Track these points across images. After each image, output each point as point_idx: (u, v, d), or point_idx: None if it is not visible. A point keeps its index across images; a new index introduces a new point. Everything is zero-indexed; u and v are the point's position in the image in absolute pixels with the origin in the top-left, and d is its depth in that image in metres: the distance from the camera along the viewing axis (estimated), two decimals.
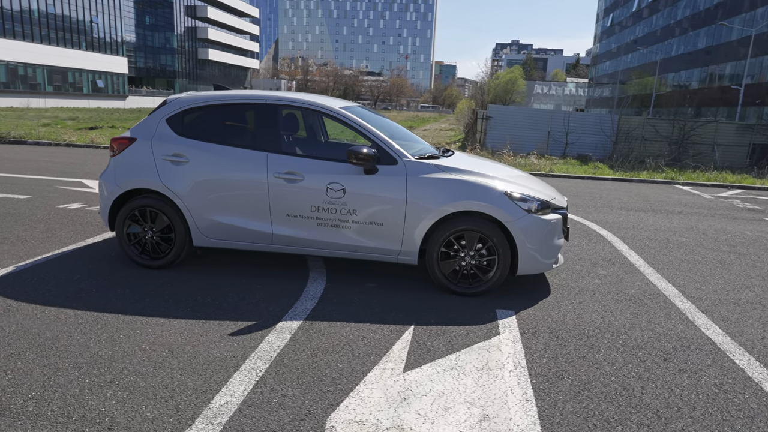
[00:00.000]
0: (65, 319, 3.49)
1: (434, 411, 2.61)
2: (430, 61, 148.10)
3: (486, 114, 22.30)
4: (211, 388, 2.75)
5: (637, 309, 4.07)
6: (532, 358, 3.21)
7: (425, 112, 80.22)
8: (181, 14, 72.90)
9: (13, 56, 47.38)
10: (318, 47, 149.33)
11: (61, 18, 52.23)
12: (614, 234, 6.51)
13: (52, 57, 51.58)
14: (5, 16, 46.33)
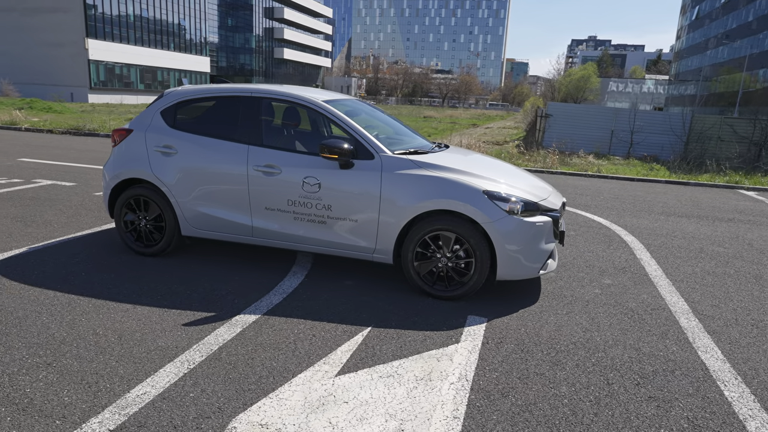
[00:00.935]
0: (42, 300, 3.66)
1: (347, 421, 2.46)
2: (501, 58, 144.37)
3: (545, 112, 21.42)
4: (138, 378, 2.75)
5: (630, 324, 3.67)
6: (483, 372, 2.96)
7: (493, 110, 78.38)
8: (260, 15, 75.81)
9: (111, 57, 51.33)
10: (389, 45, 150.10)
11: (153, 21, 55.98)
12: (640, 240, 5.96)
13: (145, 57, 55.39)
14: (105, 21, 50.31)
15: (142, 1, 54.52)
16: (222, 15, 72.93)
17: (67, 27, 48.57)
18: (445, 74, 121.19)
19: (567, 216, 7.07)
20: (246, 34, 75.13)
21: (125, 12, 52.62)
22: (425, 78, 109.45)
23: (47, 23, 48.98)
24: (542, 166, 12.05)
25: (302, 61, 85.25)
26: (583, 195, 8.84)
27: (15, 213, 5.95)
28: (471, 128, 34.21)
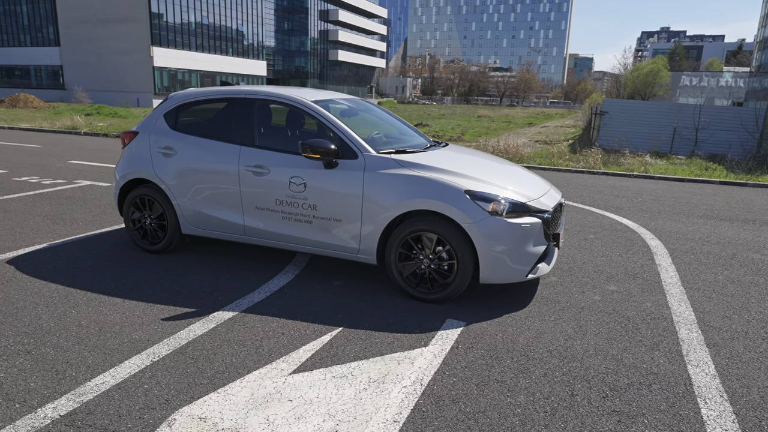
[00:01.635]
0: (44, 292, 3.89)
1: (285, 419, 2.46)
2: (563, 54, 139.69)
3: (600, 109, 20.53)
4: (102, 368, 2.87)
5: (621, 334, 3.45)
6: (441, 377, 2.87)
7: (553, 108, 75.99)
8: (315, 19, 77.36)
9: (174, 63, 54.02)
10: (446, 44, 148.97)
11: (213, 28, 58.44)
12: (665, 245, 5.59)
13: (204, 63, 57.91)
14: (169, 29, 53.03)
15: (204, 9, 56.96)
16: (279, 19, 74.93)
17: (134, 36, 51.53)
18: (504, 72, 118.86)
19: (591, 218, 6.75)
20: (301, 37, 76.85)
21: (187, 20, 55.17)
22: (482, 76, 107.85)
23: (117, 33, 52.14)
24: (584, 166, 11.56)
25: (356, 62, 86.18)
26: (619, 197, 8.41)
27: (48, 211, 6.37)
28: (526, 127, 33.32)
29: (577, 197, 8.13)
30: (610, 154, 14.59)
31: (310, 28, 76.82)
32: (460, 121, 36.58)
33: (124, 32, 51.78)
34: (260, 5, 65.44)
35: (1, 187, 7.69)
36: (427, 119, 36.80)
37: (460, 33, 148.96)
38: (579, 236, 5.83)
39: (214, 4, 58.23)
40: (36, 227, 5.63)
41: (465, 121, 36.75)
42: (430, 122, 33.55)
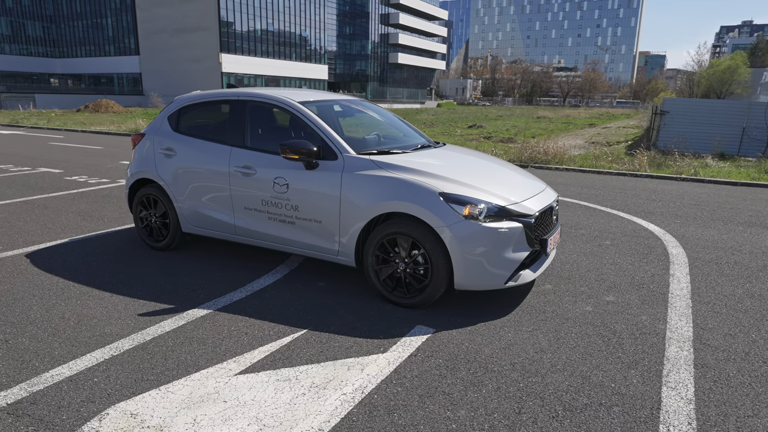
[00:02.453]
0: (45, 284, 4.13)
1: (211, 420, 2.46)
2: (632, 52, 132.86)
3: (660, 108, 19.35)
4: (64, 359, 3.00)
5: (600, 349, 3.20)
6: (387, 386, 2.78)
7: (619, 109, 72.37)
8: (376, 22, 78.11)
9: (240, 69, 56.32)
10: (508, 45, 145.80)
11: (277, 34, 60.42)
12: (688, 253, 5.14)
13: (269, 68, 59.98)
14: (236, 36, 55.35)
15: (269, 16, 58.95)
16: (341, 24, 76.21)
17: (205, 44, 54.15)
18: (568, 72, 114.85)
19: (615, 224, 6.34)
20: (362, 41, 77.78)
21: (254, 27, 57.31)
22: (545, 76, 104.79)
23: (189, 41, 55.00)
24: (629, 168, 10.91)
25: (416, 64, 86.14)
26: (656, 201, 7.86)
27: (82, 208, 6.78)
28: (586, 128, 31.98)
29: (608, 201, 7.68)
30: (667, 156, 13.69)
31: (371, 32, 77.63)
32: (517, 122, 35.64)
33: (196, 41, 54.55)
34: (323, 11, 66.97)
35: (52, 186, 8.28)
36: (483, 120, 36.17)
37: (523, 33, 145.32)
38: (593, 242, 5.49)
39: (279, 11, 60.15)
40: (65, 223, 6.01)
41: (522, 122, 35.77)
42: (484, 123, 32.95)
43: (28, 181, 8.76)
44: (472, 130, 26.36)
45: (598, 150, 13.54)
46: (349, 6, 75.97)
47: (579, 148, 16.20)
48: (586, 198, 7.93)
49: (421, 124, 31.13)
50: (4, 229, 5.72)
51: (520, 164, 11.28)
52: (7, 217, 6.24)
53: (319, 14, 66.56)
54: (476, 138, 20.83)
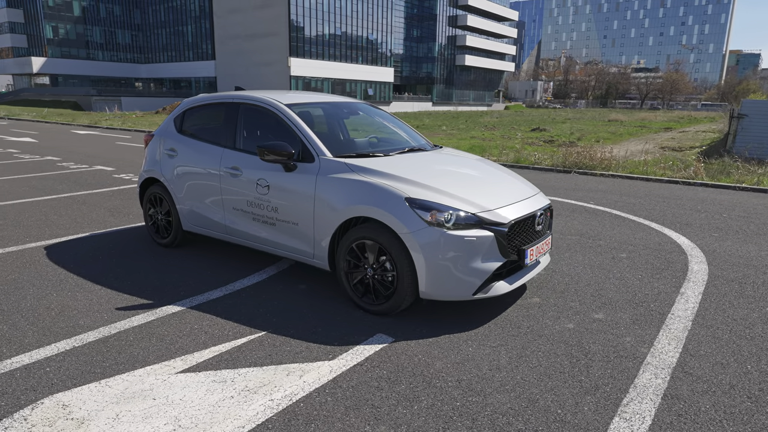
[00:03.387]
0: (48, 276, 4.40)
1: (132, 416, 2.50)
2: (722, 50, 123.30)
3: (738, 111, 17.84)
4: (30, 347, 3.17)
5: (562, 371, 2.95)
6: (318, 394, 2.71)
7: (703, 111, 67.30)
8: (444, 24, 77.69)
9: (308, 72, 57.94)
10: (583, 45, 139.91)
11: (344, 38, 61.61)
12: (711, 270, 4.66)
13: (336, 71, 61.27)
14: (305, 41, 57.01)
15: (338, 21, 60.18)
16: (408, 27, 76.43)
17: (275, 48, 56.15)
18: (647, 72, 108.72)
19: (641, 235, 5.87)
20: (429, 44, 77.58)
21: (322, 32, 58.73)
22: (622, 78, 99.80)
23: (261, 46, 57.24)
24: (684, 176, 10.10)
25: (484, 66, 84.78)
26: (700, 211, 7.21)
27: (114, 205, 7.19)
28: (661, 132, 30.09)
29: (643, 211, 7.14)
30: (739, 163, 12.56)
31: (438, 34, 77.27)
32: (585, 125, 34.15)
33: (267, 45, 56.69)
34: (390, 15, 67.52)
35: (98, 183, 8.86)
36: (548, 123, 34.96)
37: (599, 33, 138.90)
38: (607, 254, 5.11)
39: (347, 15, 61.29)
40: (94, 218, 6.39)
41: (590, 125, 34.23)
42: (549, 126, 31.82)
43: (81, 177, 9.43)
44: (533, 134, 25.52)
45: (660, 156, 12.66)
46: (417, 9, 76.02)
47: (644, 153, 15.25)
48: (621, 207, 7.42)
49: (483, 126, 30.57)
50: (39, 222, 6.16)
51: (563, 170, 10.77)
52: (47, 211, 6.73)
53: (386, 18, 67.14)
54: (535, 141, 20.15)
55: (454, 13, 78.54)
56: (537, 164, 11.35)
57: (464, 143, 17.35)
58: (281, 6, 55.31)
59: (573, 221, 6.48)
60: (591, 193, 8.52)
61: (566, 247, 5.37)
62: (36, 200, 7.41)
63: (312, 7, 57.50)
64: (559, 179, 9.92)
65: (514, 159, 11.84)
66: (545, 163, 11.47)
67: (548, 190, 8.63)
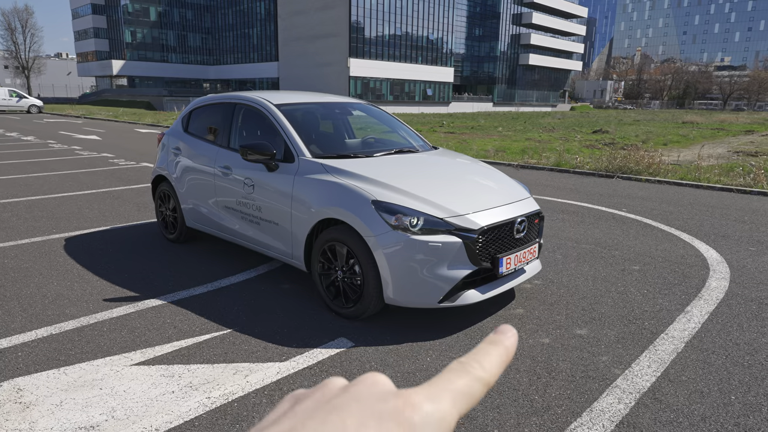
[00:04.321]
0: (58, 265, 4.67)
1: (74, 404, 2.59)
2: None
3: None
4: (12, 333, 3.36)
5: (514, 387, 2.78)
6: (255, 396, 2.70)
7: None
8: (507, 23, 76.02)
9: (367, 72, 58.50)
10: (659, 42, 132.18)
11: (404, 38, 61.65)
12: (731, 288, 4.23)
13: (394, 71, 61.44)
14: (364, 42, 57.60)
15: (398, 21, 60.31)
16: (470, 26, 75.38)
17: (335, 49, 57.07)
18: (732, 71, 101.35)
19: (665, 247, 5.45)
20: (491, 43, 76.15)
21: (382, 32, 59.04)
22: (702, 76, 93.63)
23: (322, 47, 58.37)
24: (739, 184, 9.29)
25: (549, 66, 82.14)
26: (745, 223, 6.60)
27: (142, 200, 7.54)
28: (740, 136, 27.86)
29: (678, 220, 6.63)
30: None
31: (501, 33, 75.67)
32: (655, 127, 32.27)
33: (328, 46, 57.73)
34: (451, 14, 66.84)
35: (138, 179, 9.33)
36: (613, 125, 33.32)
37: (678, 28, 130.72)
38: (618, 266, 4.78)
39: (407, 15, 61.29)
40: (121, 212, 6.73)
41: (661, 127, 32.29)
42: (613, 128, 30.29)
43: (125, 174, 9.97)
44: (594, 136, 24.37)
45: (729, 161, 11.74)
46: (480, 7, 74.83)
47: (715, 158, 14.19)
48: (655, 215, 6.93)
49: (541, 128, 29.57)
50: (70, 215, 6.57)
51: (605, 174, 10.21)
52: (81, 205, 7.17)
53: (447, 17, 66.52)
54: (593, 144, 19.22)
55: (519, 11, 76.61)
56: (578, 168, 10.83)
57: (516, 145, 16.83)
58: (342, 7, 56.12)
59: (594, 229, 6.12)
60: (627, 199, 8.02)
61: (576, 256, 5.07)
62: (76, 194, 7.90)
63: (372, 8, 57.92)
64: (597, 184, 9.42)
65: (554, 162, 11.36)
66: (588, 166, 10.92)
67: (581, 196, 8.22)
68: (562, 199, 7.92)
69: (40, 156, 12.61)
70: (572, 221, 6.51)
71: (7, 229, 5.88)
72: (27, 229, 5.86)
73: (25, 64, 71.07)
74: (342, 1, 55.78)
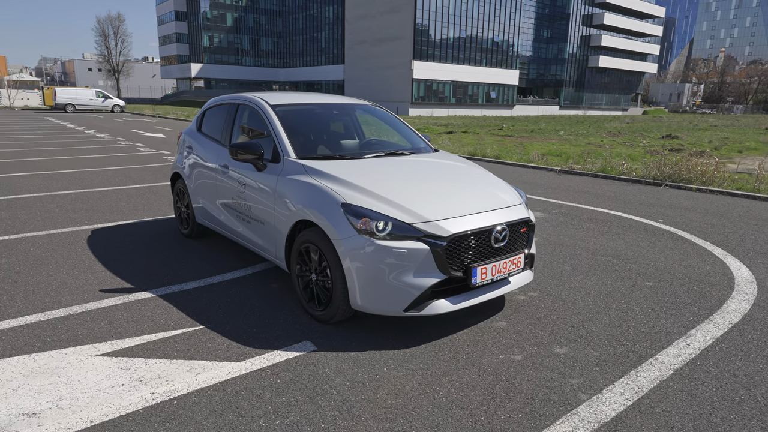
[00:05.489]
0: (73, 255, 4.93)
1: (28, 390, 2.70)
2: None
3: None
4: (7, 316, 3.57)
5: (463, 406, 2.61)
6: (199, 395, 2.70)
7: None
8: (577, 24, 73.30)
9: (430, 75, 58.30)
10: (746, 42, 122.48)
11: (468, 40, 60.91)
12: (752, 312, 3.79)
13: (458, 73, 60.84)
14: (429, 44, 57.46)
15: (462, 24, 59.69)
16: (537, 28, 73.28)
17: (399, 52, 57.28)
18: None
19: (690, 263, 4.99)
20: (559, 45, 73.67)
21: (446, 35, 58.63)
22: None
23: (386, 50, 58.78)
24: None
25: (621, 68, 78.33)
26: None
27: None
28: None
29: (717, 234, 6.05)
30: None
31: (570, 34, 73.04)
32: (733, 133, 29.96)
33: (392, 49, 58.06)
34: (518, 16, 65.32)
35: None
36: (685, 130, 31.29)
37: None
38: (628, 281, 4.43)
39: (472, 17, 60.51)
40: (152, 207, 7.05)
41: (739, 133, 29.94)
42: (684, 134, 28.43)
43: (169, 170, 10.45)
44: (662, 141, 22.91)
45: None
46: (549, 9, 72.61)
47: None
48: (694, 228, 6.38)
49: (606, 132, 28.21)
50: (106, 208, 6.95)
51: (653, 182, 9.54)
52: (120, 198, 7.57)
53: (514, 19, 65.03)
54: (659, 150, 18.06)
55: (590, 11, 73.65)
56: (624, 175, 10.20)
57: (575, 149, 16.07)
58: (408, 10, 56.22)
59: (618, 240, 5.72)
60: (669, 209, 7.45)
61: (586, 268, 4.76)
62: (120, 189, 8.36)
63: (438, 11, 57.63)
64: (641, 192, 8.82)
65: (599, 168, 10.76)
66: (635, 173, 10.26)
67: (617, 204, 7.73)
68: (594, 207, 7.48)
69: (104, 152, 13.50)
70: (597, 231, 6.12)
71: (46, 219, 6.30)
72: (63, 220, 6.25)
73: (115, 67, 76.54)
74: (408, 4, 55.90)
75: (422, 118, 44.59)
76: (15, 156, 12.39)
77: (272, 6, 77.89)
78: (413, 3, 55.35)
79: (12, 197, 7.53)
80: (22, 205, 7.00)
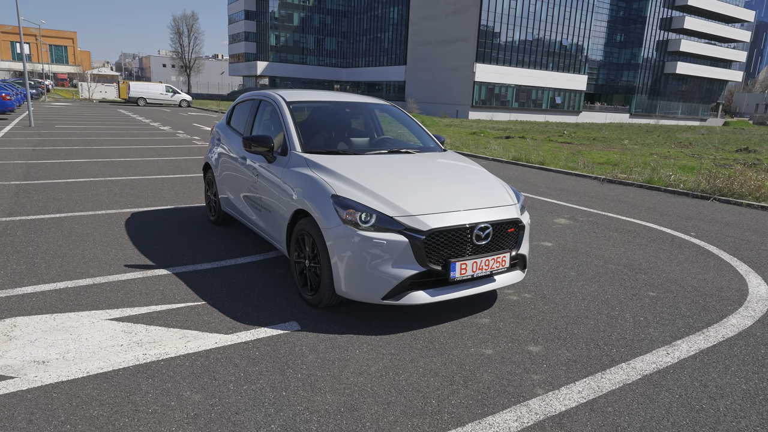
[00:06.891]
0: (109, 234, 5.43)
1: (44, 342, 3.09)
2: None
3: None
4: (40, 282, 4.04)
5: (419, 389, 2.75)
6: (183, 359, 3.00)
7: None
8: (654, 28, 69.94)
9: (492, 78, 57.55)
10: None
11: (534, 43, 59.58)
12: (754, 327, 3.65)
13: (521, 77, 59.67)
14: (492, 47, 56.76)
15: (529, 26, 58.45)
16: (610, 31, 70.61)
17: (462, 54, 56.90)
18: None
19: (705, 276, 4.82)
20: (633, 50, 70.57)
21: (511, 38, 57.62)
22: None
23: (449, 52, 58.54)
24: None
25: (701, 75, 73.92)
26: None
27: None
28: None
29: (749, 250, 5.74)
30: None
31: (645, 39, 69.78)
32: None
33: (455, 51, 57.77)
34: (590, 18, 63.10)
35: None
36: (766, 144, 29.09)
37: None
38: (631, 290, 4.36)
39: (540, 20, 59.12)
40: (190, 195, 7.57)
41: None
42: (762, 148, 26.51)
43: None
44: (735, 155, 21.52)
45: None
46: (624, 11, 69.75)
47: None
48: (727, 244, 6.10)
49: (675, 143, 26.75)
50: (149, 194, 7.53)
51: (701, 196, 9.10)
52: (163, 186, 8.16)
53: (585, 22, 62.87)
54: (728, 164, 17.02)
55: (669, 14, 70.00)
56: (671, 186, 9.79)
57: (637, 159, 15.37)
58: (473, 12, 55.72)
59: (637, 251, 5.59)
60: (706, 224, 7.13)
61: (591, 275, 4.71)
62: (166, 177, 9.00)
63: (504, 12, 56.74)
64: (684, 205, 8.46)
65: (645, 179, 10.38)
66: (683, 185, 9.83)
67: (652, 215, 7.48)
68: (625, 217, 7.29)
69: (163, 143, 14.44)
70: (618, 240, 5.99)
71: (96, 201, 6.93)
72: (110, 203, 6.85)
73: (187, 64, 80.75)
74: (473, 5, 55.43)
75: (481, 121, 44.09)
76: (83, 144, 13.50)
77: (338, 6, 79.44)
78: (479, 4, 54.77)
79: (71, 180, 8.30)
80: (78, 188, 7.72)
